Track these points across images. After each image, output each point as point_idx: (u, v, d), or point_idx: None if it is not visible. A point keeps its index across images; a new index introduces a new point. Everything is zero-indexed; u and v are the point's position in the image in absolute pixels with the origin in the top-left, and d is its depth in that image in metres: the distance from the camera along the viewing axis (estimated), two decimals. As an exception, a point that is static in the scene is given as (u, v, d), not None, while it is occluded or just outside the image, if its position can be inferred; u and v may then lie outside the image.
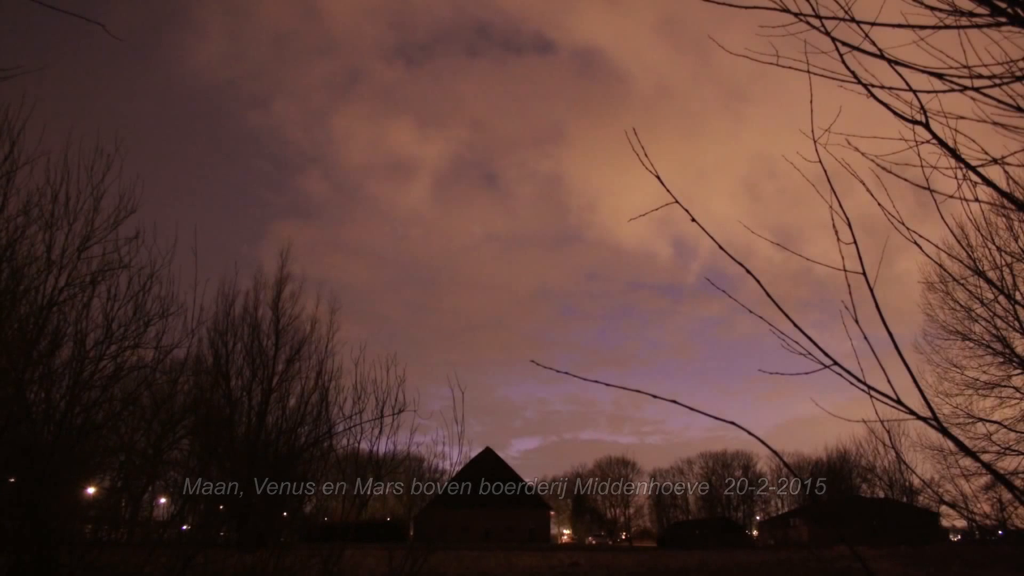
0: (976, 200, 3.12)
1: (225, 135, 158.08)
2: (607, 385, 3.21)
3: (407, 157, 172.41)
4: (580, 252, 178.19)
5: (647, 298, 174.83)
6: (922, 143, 2.99)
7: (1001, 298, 15.12)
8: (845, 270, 2.91)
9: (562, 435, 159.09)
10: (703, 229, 3.06)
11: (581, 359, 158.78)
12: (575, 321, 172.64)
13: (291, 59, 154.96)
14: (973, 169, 2.96)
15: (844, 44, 2.91)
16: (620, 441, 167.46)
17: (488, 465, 71.78)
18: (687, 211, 3.07)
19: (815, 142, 3.00)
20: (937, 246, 3.44)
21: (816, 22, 2.93)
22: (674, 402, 3.10)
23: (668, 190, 3.07)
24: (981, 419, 16.75)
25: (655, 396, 3.16)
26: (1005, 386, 17.33)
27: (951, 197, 3.12)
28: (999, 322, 16.76)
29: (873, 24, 2.90)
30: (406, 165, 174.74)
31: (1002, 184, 3.06)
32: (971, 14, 2.84)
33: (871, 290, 2.92)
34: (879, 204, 3.02)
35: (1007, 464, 16.02)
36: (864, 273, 2.89)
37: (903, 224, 3.05)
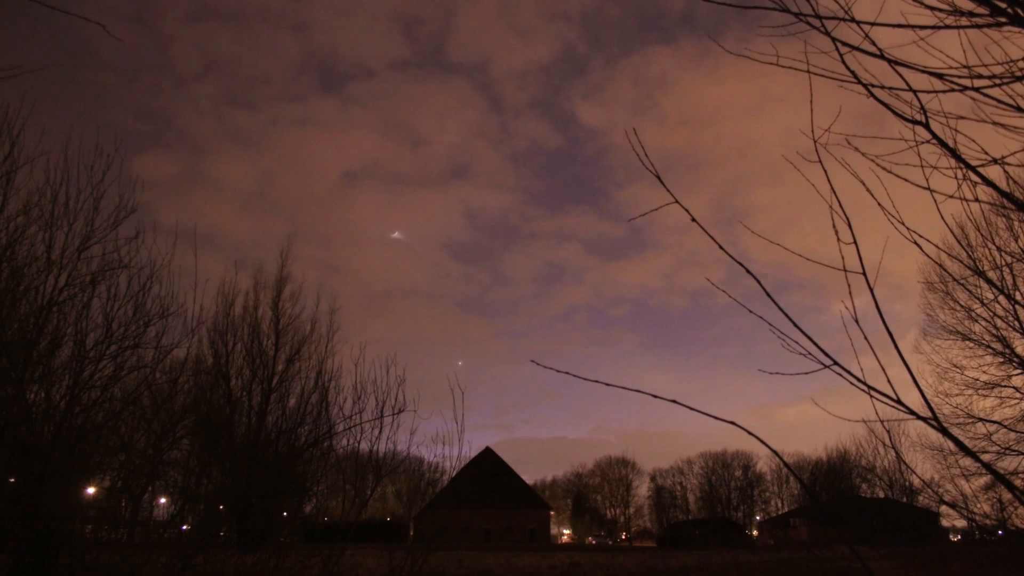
0: (976, 200, 3.13)
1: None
2: (607, 385, 3.20)
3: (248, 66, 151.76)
4: (468, 191, 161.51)
5: (573, 255, 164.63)
6: (922, 143, 2.99)
7: (1001, 298, 15.13)
8: (845, 270, 2.92)
9: (515, 433, 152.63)
10: (703, 229, 3.06)
11: (521, 336, 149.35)
12: (501, 287, 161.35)
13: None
14: (973, 169, 2.96)
15: (844, 44, 2.91)
16: (568, 437, 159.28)
17: (488, 465, 71.78)
18: (687, 211, 3.07)
19: (815, 142, 3.00)
20: (937, 246, 3.44)
21: (816, 22, 2.93)
22: (674, 402, 3.10)
23: (668, 190, 3.08)
24: (981, 419, 16.77)
25: (655, 396, 3.15)
26: (1005, 386, 17.35)
27: (951, 197, 3.12)
28: (999, 322, 16.79)
29: (873, 24, 2.90)
30: (249, 76, 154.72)
31: (1002, 184, 3.06)
32: (971, 14, 2.83)
33: (871, 290, 2.92)
34: (879, 204, 3.02)
35: (1007, 464, 16.05)
36: (864, 273, 2.89)
37: (903, 224, 3.06)
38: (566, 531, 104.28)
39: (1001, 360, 17.32)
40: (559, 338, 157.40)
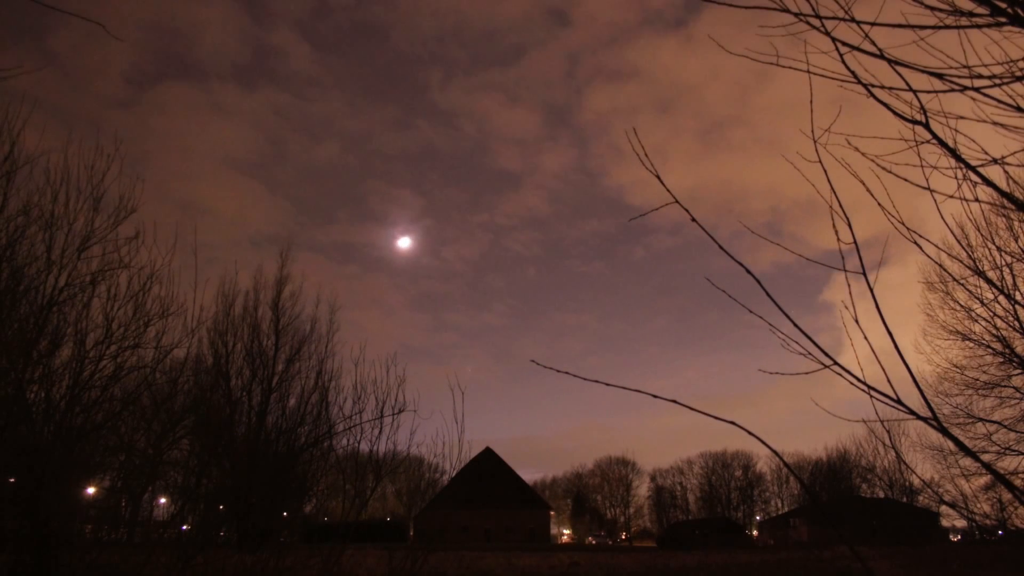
0: (976, 200, 3.13)
1: None
2: (607, 385, 3.20)
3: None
4: (285, 99, 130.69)
5: (436, 186, 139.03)
6: (922, 143, 2.99)
7: (1001, 298, 15.12)
8: (845, 270, 2.92)
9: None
10: (704, 230, 3.06)
11: (443, 307, 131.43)
12: (373, 227, 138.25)
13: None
14: (973, 169, 2.96)
15: (844, 44, 2.91)
16: (500, 437, 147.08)
17: (488, 465, 71.77)
18: (687, 211, 3.07)
19: (815, 142, 3.00)
20: (937, 246, 3.44)
21: (816, 22, 2.93)
22: (674, 402, 3.10)
23: (668, 190, 3.07)
24: (981, 419, 16.77)
25: (655, 396, 3.15)
26: (1005, 386, 17.33)
27: (951, 197, 3.12)
28: (999, 322, 16.77)
29: (873, 24, 2.90)
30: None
31: (1002, 184, 3.06)
32: (971, 14, 2.83)
33: (871, 290, 2.92)
34: (879, 204, 3.02)
35: (1007, 464, 16.05)
36: (864, 273, 2.89)
37: (903, 224, 3.06)
38: (566, 531, 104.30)
39: (1001, 360, 17.31)
40: (480, 305, 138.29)
